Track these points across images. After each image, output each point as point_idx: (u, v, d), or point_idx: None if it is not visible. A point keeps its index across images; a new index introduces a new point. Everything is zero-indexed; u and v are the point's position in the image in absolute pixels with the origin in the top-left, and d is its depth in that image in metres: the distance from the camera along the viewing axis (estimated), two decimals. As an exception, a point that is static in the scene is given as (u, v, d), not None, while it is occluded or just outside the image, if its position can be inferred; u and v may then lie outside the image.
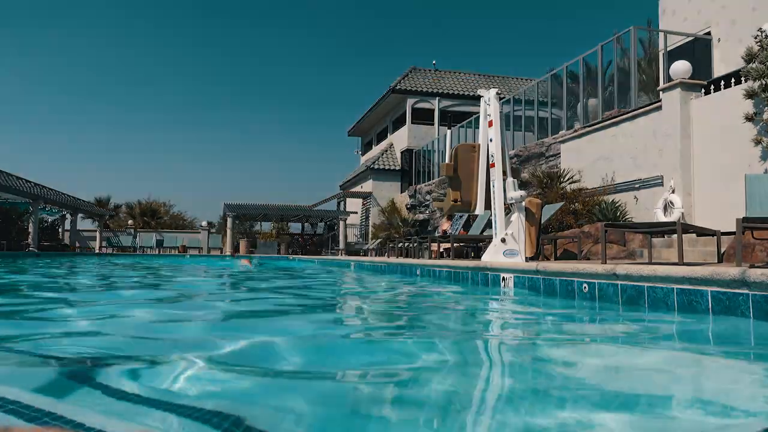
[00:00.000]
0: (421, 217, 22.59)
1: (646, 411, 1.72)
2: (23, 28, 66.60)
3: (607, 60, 13.30)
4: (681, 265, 4.37)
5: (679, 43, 12.69)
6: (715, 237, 5.74)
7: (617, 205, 10.39)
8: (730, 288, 3.36)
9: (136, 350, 2.69)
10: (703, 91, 9.52)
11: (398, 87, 27.40)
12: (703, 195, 9.19)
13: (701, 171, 9.27)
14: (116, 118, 72.02)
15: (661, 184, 9.93)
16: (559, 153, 13.40)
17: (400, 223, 22.77)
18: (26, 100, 71.15)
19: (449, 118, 18.83)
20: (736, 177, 8.07)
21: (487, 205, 7.29)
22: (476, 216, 11.10)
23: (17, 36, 67.02)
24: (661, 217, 9.24)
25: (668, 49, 12.65)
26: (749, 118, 8.26)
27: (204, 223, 32.45)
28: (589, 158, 12.13)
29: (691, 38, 12.44)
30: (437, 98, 27.48)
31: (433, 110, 27.53)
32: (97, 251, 28.38)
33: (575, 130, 13.13)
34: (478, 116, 7.73)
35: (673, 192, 9.34)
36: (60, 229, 30.10)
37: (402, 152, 27.94)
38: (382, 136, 32.18)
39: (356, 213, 30.16)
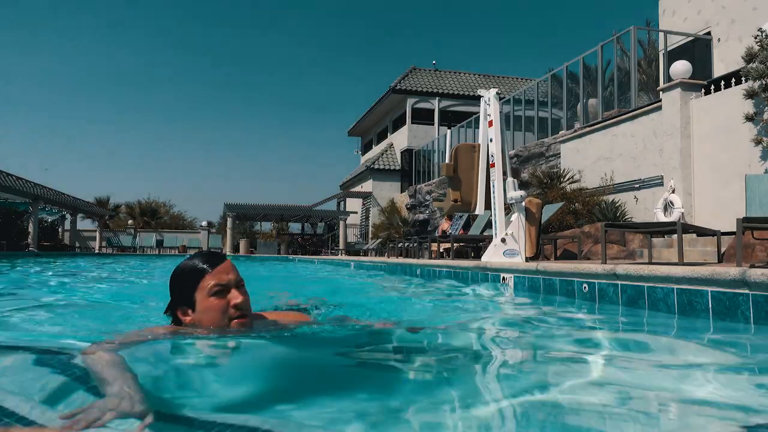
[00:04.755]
0: (421, 217, 22.59)
1: (640, 410, 1.72)
2: (23, 29, 66.68)
3: (607, 60, 13.33)
4: (681, 265, 4.36)
5: (679, 43, 12.69)
6: (715, 237, 5.74)
7: (617, 205, 10.39)
8: (731, 288, 3.36)
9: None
10: (703, 91, 9.51)
11: (398, 87, 27.40)
12: (703, 195, 9.18)
13: (701, 171, 9.27)
14: (116, 118, 72.20)
15: (661, 184, 9.92)
16: (559, 153, 13.39)
17: (400, 223, 22.77)
18: (26, 100, 71.31)
19: (449, 118, 18.84)
20: (736, 177, 8.08)
21: (487, 205, 7.28)
22: (476, 216, 11.09)
23: (17, 36, 67.10)
24: (661, 217, 9.24)
25: (668, 49, 12.64)
26: (749, 118, 8.26)
27: (204, 223, 32.47)
28: (589, 158, 12.13)
29: (691, 38, 12.44)
30: (437, 98, 27.46)
31: (433, 110, 27.52)
32: (97, 251, 28.38)
33: (575, 130, 13.12)
34: (478, 116, 7.72)
35: (673, 192, 9.34)
36: (60, 229, 30.11)
37: (402, 152, 27.94)
38: (382, 136, 32.18)
39: (356, 213, 30.16)
